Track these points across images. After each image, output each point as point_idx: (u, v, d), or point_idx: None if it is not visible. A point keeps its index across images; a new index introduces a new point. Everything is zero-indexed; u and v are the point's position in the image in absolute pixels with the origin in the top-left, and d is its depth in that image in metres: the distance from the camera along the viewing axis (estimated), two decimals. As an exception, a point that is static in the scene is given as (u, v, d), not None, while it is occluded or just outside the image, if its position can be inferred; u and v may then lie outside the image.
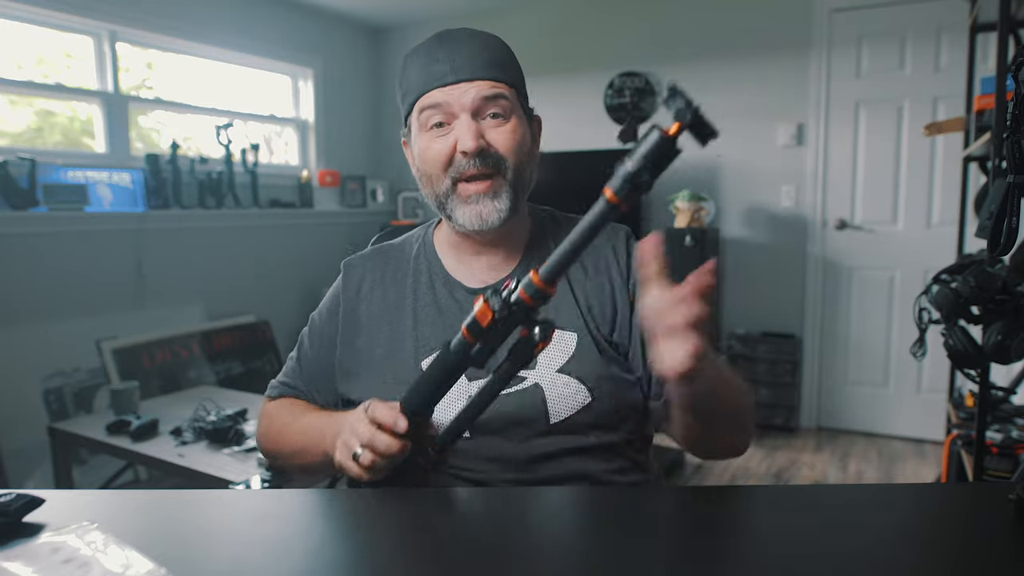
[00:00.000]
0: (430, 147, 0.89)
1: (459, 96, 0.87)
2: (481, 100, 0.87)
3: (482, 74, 0.88)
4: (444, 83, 0.87)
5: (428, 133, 0.89)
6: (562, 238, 0.95)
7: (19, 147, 2.78)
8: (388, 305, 0.96)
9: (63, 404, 2.78)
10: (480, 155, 0.86)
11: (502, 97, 0.88)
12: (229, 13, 3.57)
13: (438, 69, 0.88)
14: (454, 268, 0.97)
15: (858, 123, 3.36)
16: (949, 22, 3.10)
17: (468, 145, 0.85)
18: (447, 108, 0.87)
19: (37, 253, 2.72)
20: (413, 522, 0.69)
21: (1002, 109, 1.55)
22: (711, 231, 3.39)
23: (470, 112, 0.87)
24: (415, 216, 4.37)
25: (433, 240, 1.01)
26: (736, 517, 0.65)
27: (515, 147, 0.89)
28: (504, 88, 0.89)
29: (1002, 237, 1.03)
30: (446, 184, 0.89)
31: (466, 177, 0.87)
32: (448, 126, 0.88)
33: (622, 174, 0.58)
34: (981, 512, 0.67)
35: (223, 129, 3.42)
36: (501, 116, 0.89)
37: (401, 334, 0.93)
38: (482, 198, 0.87)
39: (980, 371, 1.62)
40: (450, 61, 0.87)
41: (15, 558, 0.58)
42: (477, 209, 0.88)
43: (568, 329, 0.90)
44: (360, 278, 1.00)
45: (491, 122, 0.88)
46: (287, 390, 1.03)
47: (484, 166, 0.87)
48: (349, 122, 4.39)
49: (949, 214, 3.15)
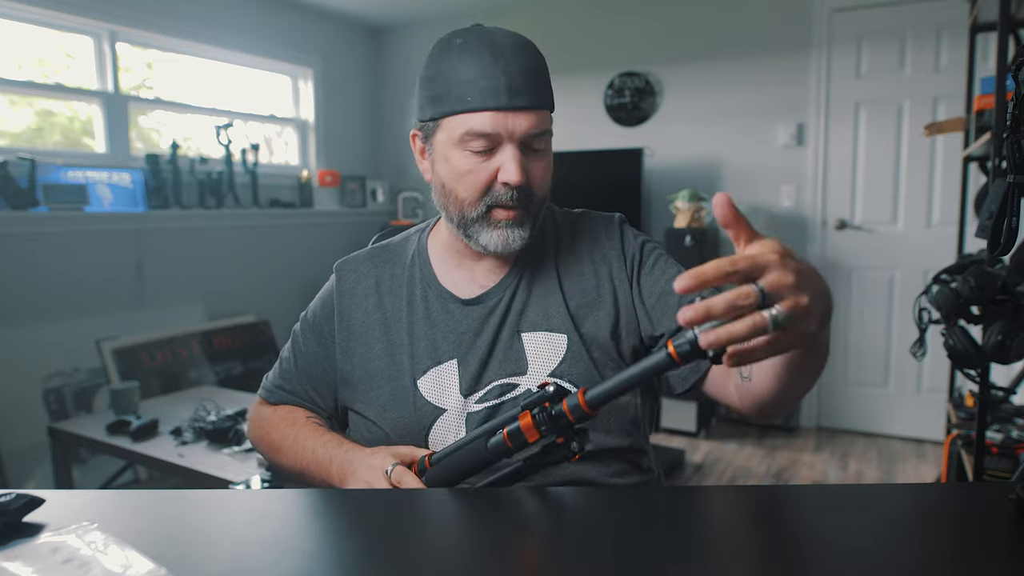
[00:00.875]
0: (470, 169, 0.85)
1: (511, 125, 0.82)
2: (534, 132, 0.84)
3: (536, 102, 0.84)
4: (499, 107, 0.81)
5: (465, 152, 0.84)
6: (561, 239, 0.96)
7: (19, 147, 2.78)
8: (384, 314, 0.95)
9: (63, 404, 2.78)
10: (521, 190, 0.85)
11: (548, 132, 0.86)
12: (229, 13, 3.57)
13: (490, 86, 0.81)
14: (448, 277, 0.95)
15: (858, 123, 3.36)
16: (949, 22, 3.10)
17: (514, 179, 0.83)
18: (496, 134, 0.82)
19: (37, 253, 2.72)
20: (414, 522, 0.69)
21: (1002, 109, 1.55)
22: (711, 231, 3.39)
23: (517, 143, 0.83)
24: (415, 216, 4.37)
25: (427, 247, 0.99)
26: (736, 517, 0.65)
27: (546, 181, 0.89)
28: (549, 117, 0.87)
29: (1002, 237, 1.02)
30: (479, 210, 0.86)
31: (501, 205, 0.85)
32: (490, 150, 0.84)
33: (690, 339, 0.58)
34: (981, 512, 0.67)
35: (223, 129, 3.42)
36: (542, 151, 0.87)
37: (398, 347, 0.93)
38: (510, 224, 0.86)
39: (980, 371, 1.62)
40: (507, 79, 0.81)
41: (15, 558, 0.58)
42: (505, 235, 0.86)
43: (558, 331, 0.90)
44: (354, 282, 0.98)
45: (533, 156, 0.86)
46: (285, 396, 1.01)
47: (520, 200, 0.85)
48: (349, 122, 4.39)
49: (949, 214, 3.15)
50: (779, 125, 3.49)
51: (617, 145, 3.79)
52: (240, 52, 3.66)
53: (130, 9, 3.08)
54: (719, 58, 3.60)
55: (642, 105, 3.81)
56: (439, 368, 0.90)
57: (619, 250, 0.94)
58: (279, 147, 4.10)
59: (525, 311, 0.92)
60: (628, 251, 0.94)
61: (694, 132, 3.69)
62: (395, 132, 4.58)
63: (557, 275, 0.93)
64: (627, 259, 0.93)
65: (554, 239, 0.97)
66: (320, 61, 4.13)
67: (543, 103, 0.85)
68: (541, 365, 0.88)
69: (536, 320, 0.91)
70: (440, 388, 0.89)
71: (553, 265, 0.94)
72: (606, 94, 3.89)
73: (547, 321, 0.91)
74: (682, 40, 3.70)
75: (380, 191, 4.44)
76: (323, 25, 4.17)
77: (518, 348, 0.90)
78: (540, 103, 0.84)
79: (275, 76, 4.00)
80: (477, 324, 0.92)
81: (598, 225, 0.98)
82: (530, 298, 0.92)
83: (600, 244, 0.95)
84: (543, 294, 0.92)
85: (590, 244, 0.95)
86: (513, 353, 0.90)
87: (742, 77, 3.55)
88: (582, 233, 0.97)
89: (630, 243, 0.95)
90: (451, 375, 0.90)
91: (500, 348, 0.90)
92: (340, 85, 4.30)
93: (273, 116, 3.98)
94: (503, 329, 0.91)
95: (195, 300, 3.37)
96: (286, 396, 1.01)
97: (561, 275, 0.94)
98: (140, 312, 3.10)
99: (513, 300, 0.92)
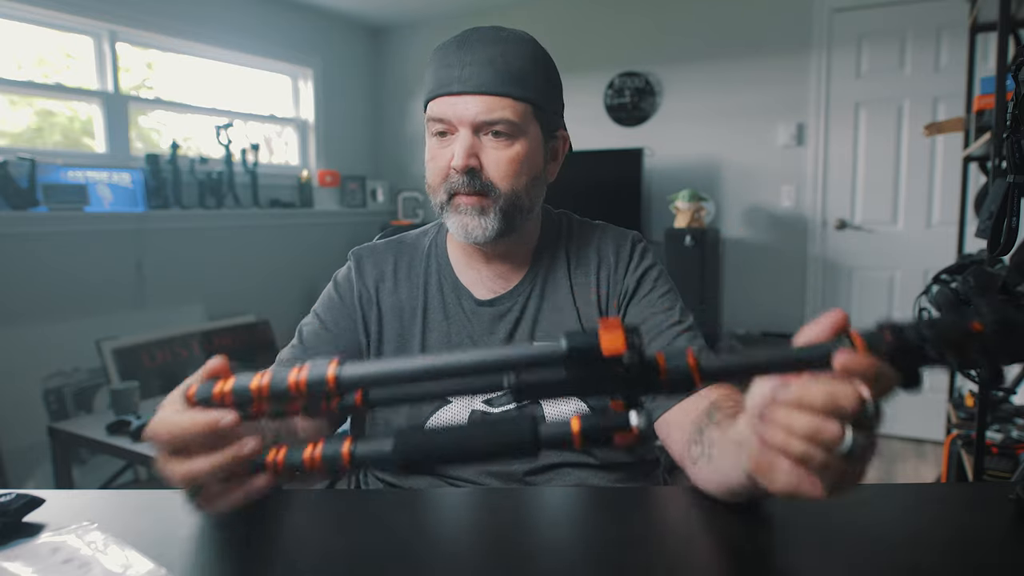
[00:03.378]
0: (432, 156, 0.87)
1: (461, 110, 0.82)
2: (483, 118, 0.82)
3: (490, 88, 0.82)
4: (450, 92, 0.82)
5: (432, 140, 0.87)
6: (576, 250, 0.95)
7: (19, 147, 2.78)
8: (399, 300, 0.93)
9: (63, 404, 2.77)
10: (469, 174, 0.83)
11: (505, 120, 0.82)
12: (229, 13, 3.57)
13: (447, 75, 0.83)
14: (463, 273, 0.94)
15: (858, 123, 3.36)
16: (949, 22, 3.10)
17: (457, 163, 0.82)
18: (448, 119, 0.83)
19: (37, 253, 2.72)
20: (415, 522, 0.69)
21: (1002, 109, 1.55)
22: (711, 231, 3.39)
23: (470, 128, 0.83)
24: (415, 216, 4.37)
25: (446, 240, 0.98)
26: (736, 517, 0.65)
27: (510, 173, 0.84)
28: (512, 106, 0.83)
29: (1002, 237, 1.02)
30: (442, 196, 0.86)
31: (457, 191, 0.85)
32: (451, 136, 0.85)
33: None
34: (981, 512, 0.67)
35: (223, 129, 3.42)
36: (504, 136, 0.84)
37: (410, 333, 0.92)
38: (470, 211, 0.84)
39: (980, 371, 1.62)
40: (460, 68, 0.82)
41: (15, 558, 0.58)
42: (464, 221, 0.85)
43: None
44: (371, 266, 0.96)
45: (492, 141, 0.84)
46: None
47: (471, 186, 0.83)
48: (349, 122, 4.39)
49: (949, 214, 3.15)
50: (779, 125, 3.49)
51: (617, 145, 3.78)
52: (240, 52, 3.66)
53: (130, 9, 3.08)
54: (719, 58, 3.60)
55: (642, 105, 3.81)
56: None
57: (621, 274, 0.93)
58: (279, 147, 4.10)
59: (539, 320, 0.91)
60: (627, 278, 0.92)
61: (694, 132, 3.69)
62: (395, 132, 4.58)
63: (571, 288, 0.92)
64: (623, 284, 0.92)
65: (567, 249, 0.96)
66: (320, 61, 4.13)
67: (503, 91, 0.82)
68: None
69: (549, 330, 0.90)
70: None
71: (567, 277, 0.93)
72: (606, 94, 3.89)
73: (559, 332, 0.89)
74: (682, 40, 3.69)
75: (380, 191, 4.44)
76: (323, 25, 4.17)
77: None
78: (497, 90, 0.82)
79: (275, 76, 4.00)
80: (490, 324, 0.91)
81: (610, 241, 0.96)
82: (543, 308, 0.92)
83: (607, 263, 0.94)
84: (556, 307, 0.92)
85: (599, 258, 0.94)
86: None
87: (742, 77, 3.55)
88: (594, 244, 0.96)
89: (633, 270, 0.93)
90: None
91: None
92: (340, 85, 4.29)
93: (273, 116, 3.98)
94: (516, 334, 0.91)
95: (195, 300, 3.37)
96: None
97: (574, 287, 0.93)
98: (140, 312, 3.10)
99: (526, 308, 0.92)
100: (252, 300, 3.63)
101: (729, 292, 3.67)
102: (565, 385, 0.47)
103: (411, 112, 4.49)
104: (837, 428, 0.43)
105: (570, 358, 0.46)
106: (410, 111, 4.50)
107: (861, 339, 0.45)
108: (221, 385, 0.52)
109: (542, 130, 0.88)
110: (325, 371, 0.49)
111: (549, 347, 0.46)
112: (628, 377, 0.45)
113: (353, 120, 4.43)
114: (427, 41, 4.34)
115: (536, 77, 0.86)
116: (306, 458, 0.50)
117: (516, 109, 0.83)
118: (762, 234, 3.59)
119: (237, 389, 0.51)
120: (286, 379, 0.49)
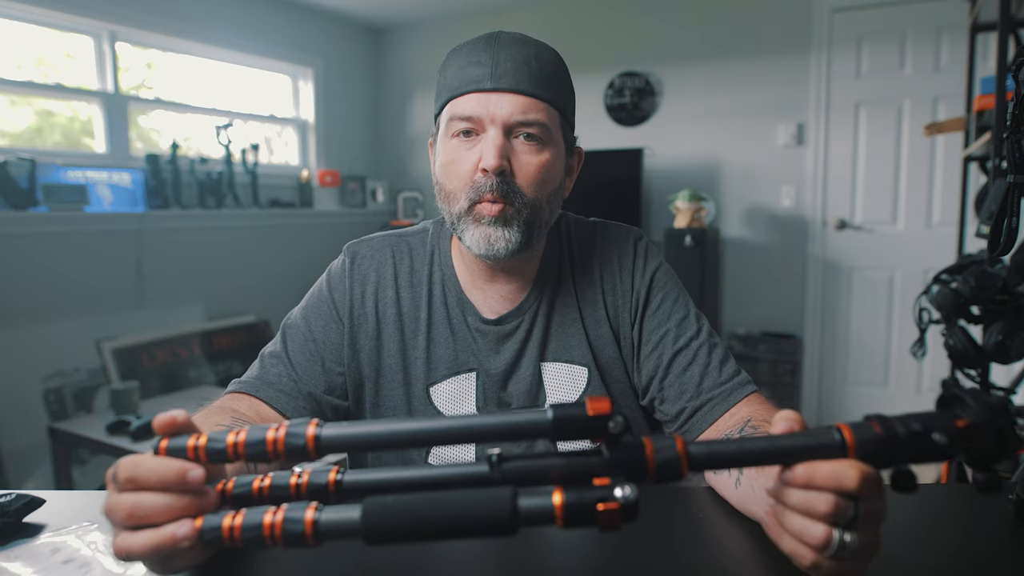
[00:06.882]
0: (453, 159, 0.80)
1: (494, 108, 0.76)
2: (518, 118, 0.77)
3: (526, 88, 0.77)
4: (481, 88, 0.77)
5: (453, 141, 0.80)
6: (577, 257, 0.91)
7: (19, 147, 2.78)
8: (402, 308, 0.88)
9: (63, 404, 2.77)
10: (500, 175, 0.77)
11: (540, 123, 0.78)
12: (229, 13, 3.57)
13: (477, 72, 0.78)
14: (468, 288, 0.89)
15: (858, 123, 3.36)
16: (949, 22, 3.10)
17: (490, 162, 0.76)
18: (478, 117, 0.77)
19: (37, 253, 2.72)
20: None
21: (1002, 109, 1.55)
22: (711, 231, 3.39)
23: (502, 128, 0.77)
24: (415, 216, 4.37)
25: (450, 248, 0.91)
26: (736, 517, 0.65)
27: (537, 182, 0.79)
28: (546, 110, 0.79)
29: (1002, 237, 1.02)
30: (463, 203, 0.79)
31: (483, 197, 0.78)
32: (476, 136, 0.79)
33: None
34: (981, 512, 0.67)
35: (223, 129, 3.42)
36: (536, 141, 0.79)
37: (413, 348, 0.87)
38: (494, 222, 0.78)
39: (980, 371, 1.62)
40: (492, 64, 0.77)
41: (15, 558, 0.58)
42: (487, 233, 0.78)
43: (579, 363, 0.87)
44: (369, 268, 0.90)
45: (523, 145, 0.78)
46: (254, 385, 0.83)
47: (499, 190, 0.77)
48: (349, 122, 4.39)
49: (949, 214, 3.15)
50: (779, 125, 3.49)
51: (617, 145, 3.79)
52: (240, 52, 3.66)
53: (130, 9, 3.08)
54: (719, 58, 3.60)
55: (642, 105, 3.81)
56: (457, 378, 0.86)
57: (628, 283, 0.89)
58: (279, 147, 4.10)
59: (547, 340, 0.88)
60: (636, 286, 0.88)
61: (694, 132, 3.69)
62: (395, 132, 4.58)
63: (577, 301, 0.89)
64: (633, 295, 0.88)
65: (570, 257, 0.92)
66: (320, 61, 4.13)
67: (538, 93, 0.78)
68: (561, 398, 0.85)
69: (557, 350, 0.87)
70: (456, 399, 0.86)
71: (572, 289, 0.89)
72: (606, 94, 3.89)
73: (568, 352, 0.87)
74: (682, 40, 3.70)
75: (380, 191, 4.44)
76: (323, 25, 4.17)
77: (537, 377, 0.87)
78: (532, 91, 0.78)
79: (275, 76, 4.00)
80: (495, 343, 0.87)
81: (612, 243, 0.92)
82: (551, 326, 0.88)
83: (611, 269, 0.90)
84: (564, 323, 0.88)
85: (602, 266, 0.90)
86: (533, 381, 0.86)
87: (742, 77, 3.55)
88: (596, 251, 0.91)
89: (640, 276, 0.89)
90: (469, 388, 0.86)
91: (521, 374, 0.87)
92: (340, 85, 4.30)
93: (273, 116, 3.98)
94: (524, 355, 0.87)
95: (195, 300, 3.37)
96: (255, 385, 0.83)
97: (580, 302, 0.89)
98: (140, 312, 3.10)
99: (533, 327, 0.88)
100: (252, 300, 3.63)
101: (729, 292, 3.67)
102: (550, 472, 0.46)
103: (411, 112, 4.49)
104: (821, 531, 0.46)
105: (556, 429, 0.45)
106: (410, 111, 4.50)
107: (851, 433, 0.47)
108: (194, 440, 0.49)
109: (565, 142, 0.85)
110: (304, 431, 0.48)
111: (534, 414, 0.46)
112: (614, 462, 0.45)
113: (353, 120, 4.43)
114: (427, 41, 4.34)
115: (565, 85, 0.83)
116: (265, 525, 0.46)
117: (549, 114, 0.80)
118: (762, 234, 3.59)
119: (211, 448, 0.49)
120: (263, 438, 0.48)
